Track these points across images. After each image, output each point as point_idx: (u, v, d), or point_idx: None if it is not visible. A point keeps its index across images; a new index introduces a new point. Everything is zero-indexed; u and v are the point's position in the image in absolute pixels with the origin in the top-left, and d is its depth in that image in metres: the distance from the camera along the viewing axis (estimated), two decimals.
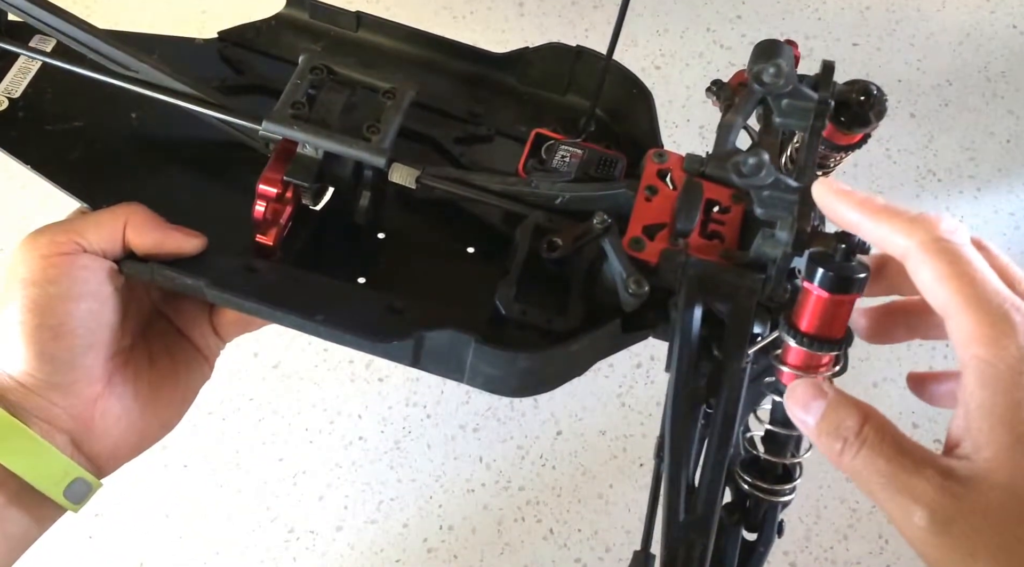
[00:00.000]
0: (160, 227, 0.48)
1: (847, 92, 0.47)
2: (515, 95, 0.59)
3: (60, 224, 0.47)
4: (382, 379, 1.12)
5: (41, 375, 0.45)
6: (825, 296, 0.38)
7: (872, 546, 1.07)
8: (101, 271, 0.46)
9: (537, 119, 0.57)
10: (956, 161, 1.27)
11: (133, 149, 0.54)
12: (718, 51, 1.31)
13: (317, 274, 0.50)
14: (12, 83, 0.55)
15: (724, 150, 0.46)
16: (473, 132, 0.57)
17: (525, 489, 1.09)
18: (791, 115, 0.45)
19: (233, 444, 1.09)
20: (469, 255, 0.53)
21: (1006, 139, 1.29)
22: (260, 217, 0.49)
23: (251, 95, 0.57)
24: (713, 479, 0.41)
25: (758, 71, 0.44)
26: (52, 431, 0.46)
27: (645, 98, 0.56)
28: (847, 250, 0.38)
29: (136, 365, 0.50)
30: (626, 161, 0.53)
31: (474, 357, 0.46)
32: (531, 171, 0.53)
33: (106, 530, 1.05)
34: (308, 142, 0.48)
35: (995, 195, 1.26)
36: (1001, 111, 1.30)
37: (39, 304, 0.44)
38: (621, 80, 0.56)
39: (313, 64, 0.50)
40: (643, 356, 1.14)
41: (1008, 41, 1.35)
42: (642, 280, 0.46)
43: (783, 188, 0.43)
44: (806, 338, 0.39)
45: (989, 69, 1.32)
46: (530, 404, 1.12)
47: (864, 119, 0.47)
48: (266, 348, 1.12)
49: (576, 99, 0.59)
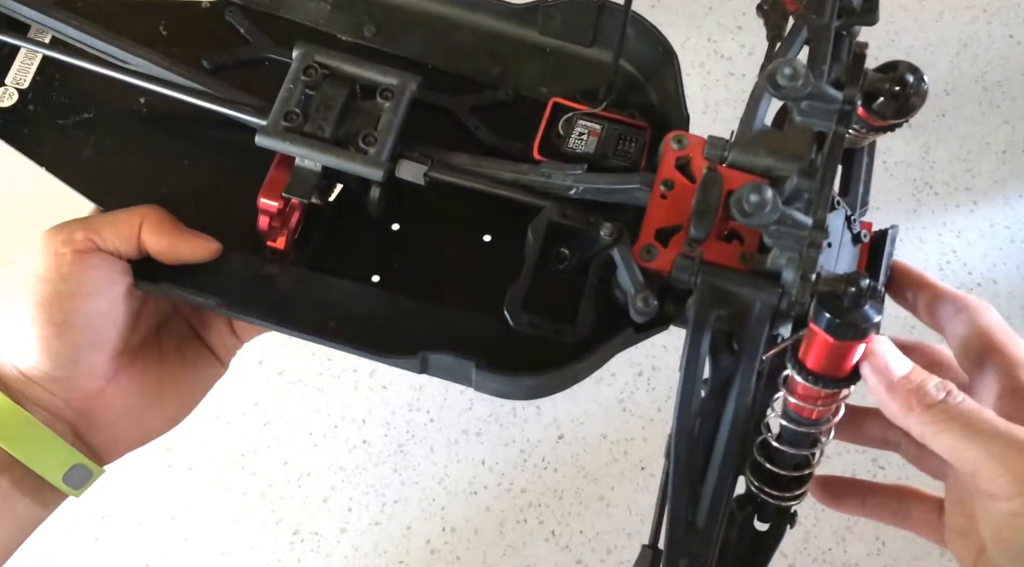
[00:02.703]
0: (176, 231, 0.48)
1: (880, 81, 0.42)
2: (536, 49, 0.55)
3: (78, 221, 0.47)
4: (385, 386, 1.13)
5: (44, 369, 0.46)
6: (830, 341, 0.36)
7: (870, 547, 1.08)
8: (113, 271, 0.47)
9: (559, 78, 0.54)
10: (953, 173, 1.28)
11: (144, 140, 0.53)
12: (719, 61, 1.32)
13: (330, 276, 0.49)
14: (19, 73, 0.53)
15: (748, 134, 0.44)
16: (491, 98, 0.54)
17: (527, 491, 1.10)
18: (813, 116, 0.41)
19: (238, 447, 1.10)
20: (485, 244, 0.51)
21: (1002, 150, 1.30)
22: (265, 228, 0.48)
23: (259, 67, 0.54)
24: (717, 491, 0.40)
25: (772, 71, 0.39)
26: (53, 420, 0.47)
27: (671, 59, 0.52)
28: (856, 294, 0.36)
29: (144, 362, 0.50)
30: (649, 131, 0.51)
31: (478, 375, 0.46)
32: (547, 147, 0.51)
33: (112, 532, 1.06)
34: (304, 157, 0.47)
35: (991, 208, 1.27)
36: (997, 121, 1.31)
37: (48, 300, 0.45)
38: (647, 38, 0.53)
39: (307, 64, 0.48)
40: (644, 366, 1.15)
41: (1005, 51, 1.36)
42: (650, 298, 0.44)
43: (791, 224, 0.39)
44: (811, 375, 0.38)
45: (986, 78, 1.34)
46: (532, 410, 1.13)
47: (898, 111, 0.43)
48: (271, 356, 1.14)
49: (601, 53, 0.54)
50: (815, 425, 0.41)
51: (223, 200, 0.51)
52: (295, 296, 0.49)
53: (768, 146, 0.45)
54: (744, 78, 1.29)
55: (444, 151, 0.50)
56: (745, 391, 0.41)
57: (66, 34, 0.51)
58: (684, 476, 0.41)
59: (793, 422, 0.41)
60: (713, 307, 0.42)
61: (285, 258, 0.50)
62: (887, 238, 0.46)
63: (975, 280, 1.22)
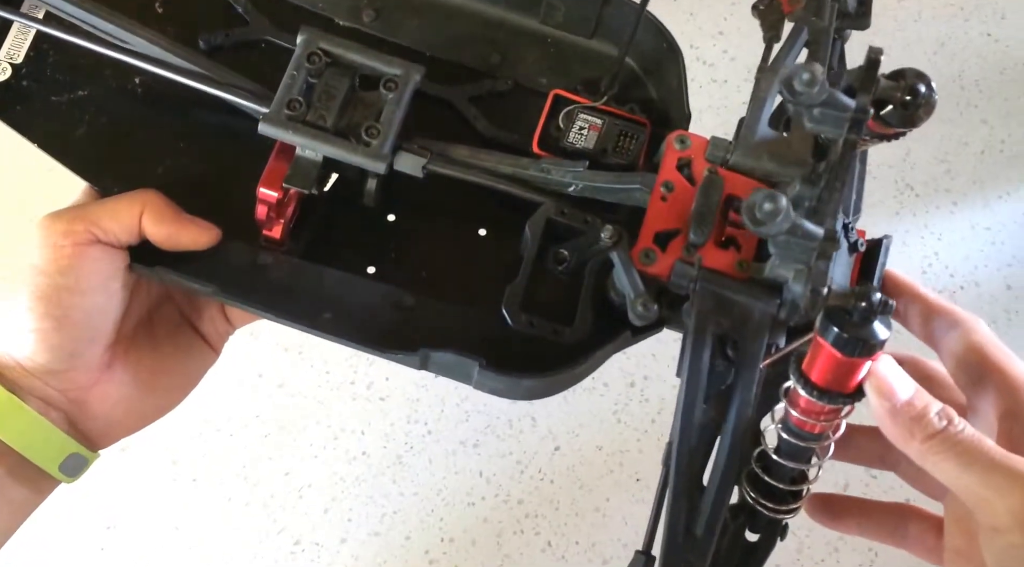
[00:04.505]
0: (177, 218, 0.47)
1: (892, 89, 0.41)
2: (537, 38, 0.54)
3: (76, 210, 0.46)
4: (384, 398, 1.15)
5: (41, 361, 0.46)
6: (837, 355, 0.36)
7: (863, 558, 1.10)
8: (112, 265, 0.46)
9: (559, 69, 0.54)
10: (932, 174, 1.27)
11: (139, 120, 0.52)
12: (701, 67, 1.31)
13: (326, 266, 0.49)
14: (13, 47, 0.52)
15: (751, 137, 0.43)
16: (490, 87, 0.53)
17: (524, 502, 1.11)
18: (824, 122, 0.40)
19: (240, 459, 1.12)
20: (481, 238, 0.51)
21: (980, 150, 1.29)
22: (263, 217, 0.48)
23: (256, 49, 0.53)
24: (716, 502, 0.40)
25: (789, 76, 0.37)
26: (48, 409, 0.47)
27: (675, 55, 0.52)
28: (867, 310, 0.35)
29: (138, 352, 0.50)
30: (649, 129, 0.51)
31: (479, 375, 0.46)
32: (547, 141, 0.50)
33: (117, 542, 1.08)
34: (306, 146, 0.47)
35: (971, 209, 1.26)
36: (975, 121, 1.30)
37: (46, 294, 0.45)
38: (652, 34, 0.52)
39: (310, 51, 0.47)
40: (636, 376, 1.17)
41: (981, 49, 1.35)
42: (649, 302, 0.44)
43: (801, 234, 0.38)
44: (816, 390, 0.37)
45: (963, 78, 1.32)
46: (528, 421, 1.14)
47: (906, 121, 0.42)
48: (271, 369, 1.15)
49: (602, 45, 0.54)
50: (816, 440, 0.40)
51: (218, 185, 0.50)
52: (290, 285, 0.49)
53: (771, 150, 0.45)
54: (726, 84, 1.29)
55: (443, 142, 0.50)
56: (746, 402, 0.41)
57: (61, 8, 0.50)
58: (683, 486, 0.41)
59: (794, 436, 0.40)
60: (713, 315, 0.41)
61: (280, 247, 0.49)
62: (881, 247, 0.46)
63: (958, 283, 1.22)
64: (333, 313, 0.47)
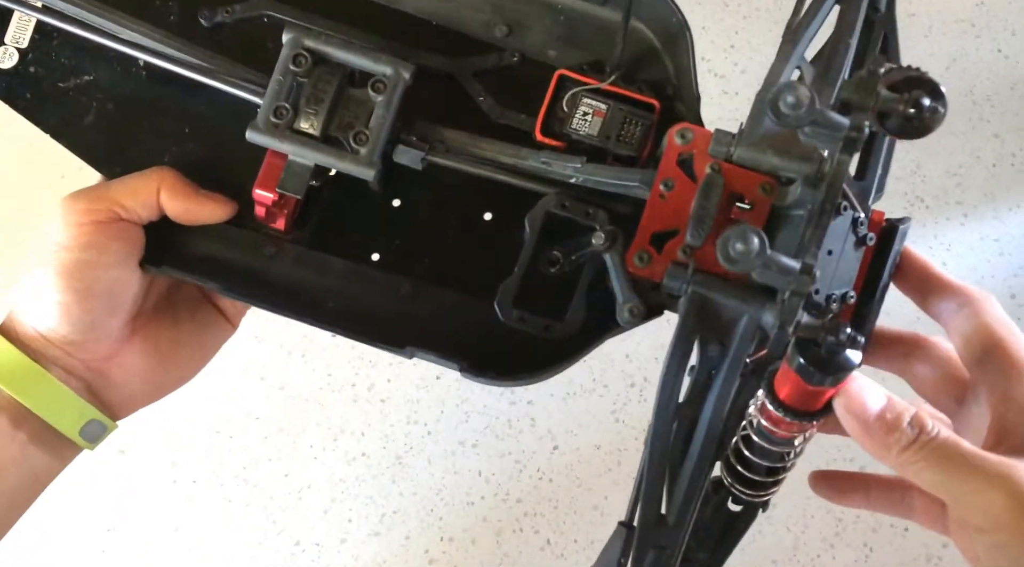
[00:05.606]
0: (193, 193, 0.49)
1: (894, 102, 0.38)
2: (546, 6, 0.52)
3: (97, 190, 0.48)
4: (383, 400, 1.15)
5: (63, 332, 0.47)
6: (802, 383, 0.36)
7: (858, 554, 1.11)
8: (131, 241, 0.48)
9: (569, 39, 0.52)
10: (944, 187, 1.29)
11: (145, 105, 0.52)
12: (713, 80, 1.33)
13: (330, 255, 0.50)
14: (18, 31, 0.52)
15: (757, 131, 0.42)
16: (496, 62, 0.52)
17: (523, 501, 1.12)
18: (816, 139, 0.38)
19: (240, 460, 1.12)
20: (486, 222, 0.51)
21: (992, 163, 1.31)
22: (263, 215, 0.49)
23: (258, 24, 0.52)
24: (689, 490, 0.41)
25: (773, 98, 0.36)
26: (69, 378, 0.48)
27: (683, 30, 0.50)
28: (835, 344, 0.35)
29: (159, 325, 0.51)
30: (658, 109, 0.49)
31: (462, 375, 0.48)
32: (550, 126, 0.49)
33: (118, 544, 1.08)
34: (294, 154, 0.47)
35: (980, 221, 1.28)
36: (987, 134, 1.32)
37: (69, 268, 0.46)
38: (662, 4, 0.51)
39: (295, 53, 0.47)
40: (636, 377, 1.17)
41: (993, 65, 1.37)
42: (637, 308, 0.44)
43: (777, 269, 0.37)
44: (783, 407, 0.38)
45: (975, 93, 1.34)
46: (527, 421, 1.15)
47: (910, 134, 0.39)
48: (272, 371, 1.16)
49: (614, 13, 0.52)
50: (785, 444, 0.41)
51: (225, 170, 0.51)
52: (294, 278, 0.49)
53: (776, 145, 0.43)
54: (737, 96, 1.31)
55: (442, 128, 0.49)
56: (723, 398, 0.41)
57: (53, 5, 0.50)
58: (658, 473, 0.41)
59: (764, 439, 0.41)
60: (700, 317, 0.41)
61: (286, 236, 0.50)
62: (897, 234, 0.45)
63: None
64: (335, 302, 0.48)
